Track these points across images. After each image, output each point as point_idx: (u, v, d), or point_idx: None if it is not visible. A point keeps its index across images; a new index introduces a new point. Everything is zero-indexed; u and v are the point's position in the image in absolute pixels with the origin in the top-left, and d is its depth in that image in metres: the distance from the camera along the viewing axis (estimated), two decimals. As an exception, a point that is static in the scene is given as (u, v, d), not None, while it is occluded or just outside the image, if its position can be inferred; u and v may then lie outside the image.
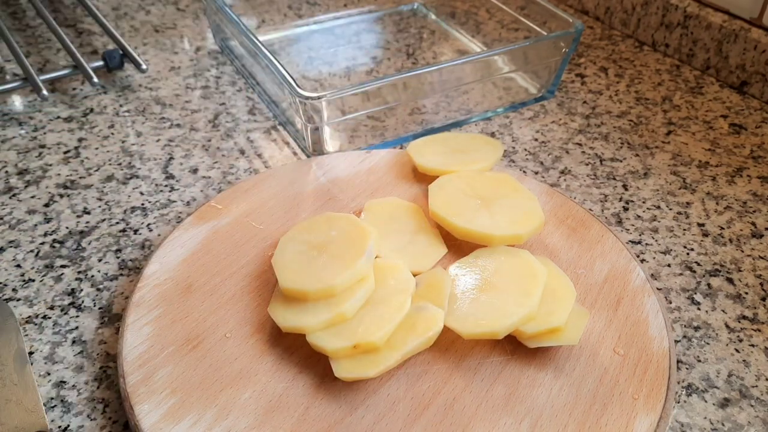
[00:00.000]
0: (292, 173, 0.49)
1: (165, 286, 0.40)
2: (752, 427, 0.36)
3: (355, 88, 0.47)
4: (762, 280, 0.44)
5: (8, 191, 0.48)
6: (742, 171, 0.54)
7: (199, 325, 0.38)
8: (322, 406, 0.34)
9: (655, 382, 0.36)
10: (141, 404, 0.34)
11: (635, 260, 0.43)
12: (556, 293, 0.38)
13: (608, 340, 0.38)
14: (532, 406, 0.35)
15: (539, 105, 0.60)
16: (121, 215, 0.47)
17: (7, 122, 0.55)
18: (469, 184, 0.45)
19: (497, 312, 0.36)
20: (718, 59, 0.64)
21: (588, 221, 0.45)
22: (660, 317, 0.39)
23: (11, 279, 0.42)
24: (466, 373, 0.36)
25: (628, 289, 0.41)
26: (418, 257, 0.41)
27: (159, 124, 0.56)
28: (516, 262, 0.39)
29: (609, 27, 0.74)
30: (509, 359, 0.37)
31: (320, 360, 0.36)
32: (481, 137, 0.51)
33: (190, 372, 0.35)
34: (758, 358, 0.39)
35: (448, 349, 0.37)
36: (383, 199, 0.45)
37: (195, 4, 0.74)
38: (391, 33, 0.69)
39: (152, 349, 0.36)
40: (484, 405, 0.35)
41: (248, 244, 0.43)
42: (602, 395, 0.35)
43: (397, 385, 0.35)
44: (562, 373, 0.36)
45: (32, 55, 0.64)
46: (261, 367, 0.36)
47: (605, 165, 0.54)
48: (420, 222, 0.44)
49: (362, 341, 0.34)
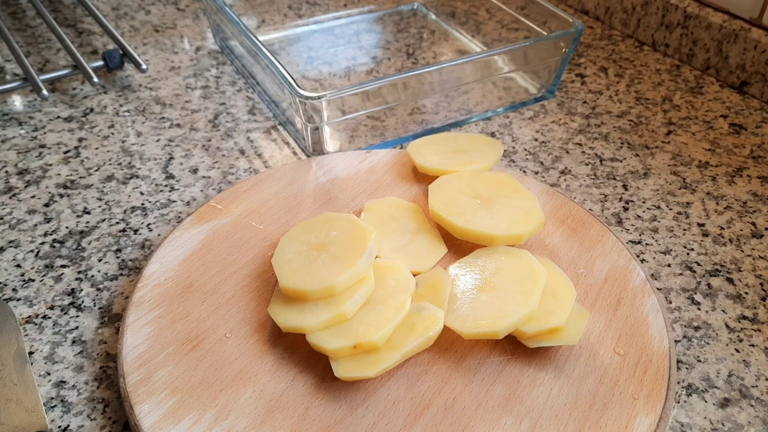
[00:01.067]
0: (292, 173, 0.49)
1: (165, 286, 0.40)
2: (752, 427, 0.36)
3: (355, 88, 0.47)
4: (762, 280, 0.44)
5: (8, 191, 0.48)
6: (742, 171, 0.54)
7: (199, 325, 0.38)
8: (322, 406, 0.34)
9: (655, 382, 0.36)
10: (141, 404, 0.34)
11: (635, 260, 0.43)
12: (556, 293, 0.38)
13: (608, 340, 0.38)
14: (532, 406, 0.35)
15: (539, 105, 0.60)
16: (121, 215, 0.47)
17: (7, 122, 0.55)
18: (469, 184, 0.45)
19: (497, 312, 0.36)
20: (718, 59, 0.64)
21: (588, 221, 0.45)
22: (660, 317, 0.39)
23: (11, 279, 0.42)
24: (466, 373, 0.36)
25: (628, 289, 0.41)
26: (418, 257, 0.41)
27: (159, 124, 0.56)
28: (516, 262, 0.39)
29: (609, 27, 0.74)
30: (509, 359, 0.37)
31: (320, 360, 0.36)
32: (481, 137, 0.51)
33: (190, 372, 0.35)
34: (758, 358, 0.39)
35: (448, 349, 0.37)
36: (383, 199, 0.45)
37: (195, 4, 0.74)
38: (391, 33, 0.69)
39: (152, 349, 0.36)
40: (484, 405, 0.35)
41: (248, 244, 0.43)
42: (602, 395, 0.35)
43: (397, 385, 0.35)
44: (562, 373, 0.36)
45: (32, 55, 0.64)
46: (261, 367, 0.36)
47: (605, 165, 0.54)
48: (420, 222, 0.44)
49: (362, 341, 0.34)
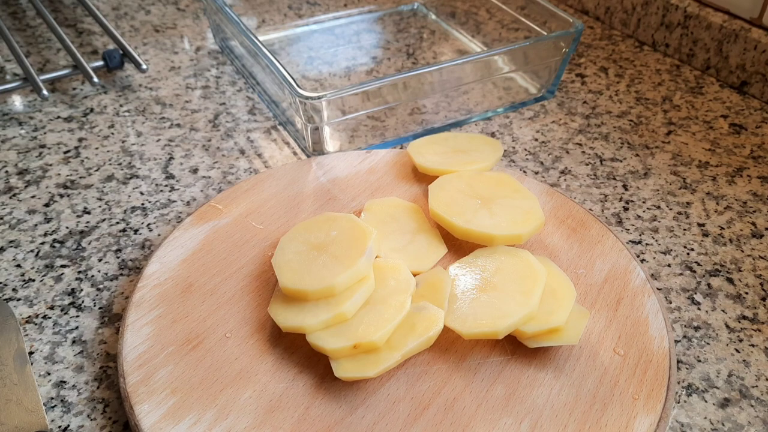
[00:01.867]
0: (292, 173, 0.49)
1: (165, 286, 0.40)
2: (752, 427, 0.36)
3: (355, 88, 0.47)
4: (762, 280, 0.44)
5: (8, 191, 0.48)
6: (742, 171, 0.54)
7: (199, 325, 0.38)
8: (322, 406, 0.34)
9: (655, 382, 0.36)
10: (141, 404, 0.34)
11: (635, 260, 0.43)
12: (556, 293, 0.38)
13: (608, 340, 0.38)
14: (532, 406, 0.35)
15: (539, 105, 0.60)
16: (121, 215, 0.47)
17: (7, 122, 0.55)
18: (469, 184, 0.45)
19: (497, 312, 0.36)
20: (718, 59, 0.64)
21: (588, 221, 0.45)
22: (660, 317, 0.39)
23: (11, 279, 0.42)
24: (466, 373, 0.36)
25: (628, 289, 0.41)
26: (418, 257, 0.41)
27: (159, 124, 0.56)
28: (516, 262, 0.39)
29: (609, 27, 0.74)
30: (509, 359, 0.37)
31: (320, 360, 0.36)
32: (481, 137, 0.51)
33: (190, 372, 0.35)
34: (758, 358, 0.39)
35: (448, 349, 0.37)
36: (383, 199, 0.45)
37: (195, 4, 0.74)
38: (391, 33, 0.69)
39: (152, 349, 0.36)
40: (484, 405, 0.35)
41: (248, 244, 0.43)
42: (602, 395, 0.35)
43: (397, 385, 0.35)
44: (562, 373, 0.36)
45: (32, 55, 0.64)
46: (261, 367, 0.36)
47: (605, 165, 0.54)
48: (420, 222, 0.44)
49: (362, 341, 0.34)
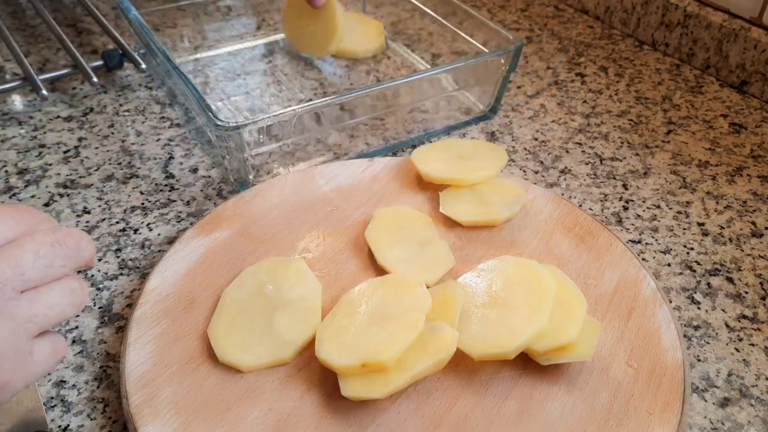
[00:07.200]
0: (294, 182, 0.47)
1: (167, 302, 0.39)
2: (752, 426, 0.36)
3: (270, 116, 0.44)
4: (762, 280, 0.44)
5: (8, 191, 0.48)
6: (742, 170, 0.54)
7: (203, 341, 0.37)
8: (331, 426, 0.33)
9: (670, 395, 0.35)
10: (145, 426, 0.32)
11: (645, 269, 0.42)
12: (566, 304, 0.37)
13: (621, 352, 0.37)
14: (545, 423, 0.34)
15: (539, 104, 0.60)
16: (121, 215, 0.47)
17: (7, 122, 0.55)
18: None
19: (507, 330, 0.35)
20: (718, 59, 0.64)
21: (596, 230, 0.44)
22: (672, 328, 0.38)
23: (11, 279, 0.42)
24: (478, 389, 0.35)
25: (639, 299, 0.40)
26: (425, 268, 0.41)
27: (159, 123, 0.56)
28: (525, 274, 0.38)
29: (609, 26, 0.74)
30: (521, 374, 0.36)
31: (328, 377, 0.35)
32: (484, 143, 0.50)
33: (195, 391, 0.34)
34: (758, 358, 0.39)
35: (458, 364, 0.36)
36: (391, 208, 0.45)
37: (195, 4, 0.74)
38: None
39: (155, 368, 0.35)
40: (496, 422, 0.34)
41: (251, 256, 0.42)
42: (617, 410, 0.34)
43: (408, 402, 0.34)
44: (575, 387, 0.35)
45: (32, 55, 0.63)
46: (267, 385, 0.35)
47: (605, 164, 0.54)
48: (429, 232, 0.43)
49: (371, 360, 0.33)
